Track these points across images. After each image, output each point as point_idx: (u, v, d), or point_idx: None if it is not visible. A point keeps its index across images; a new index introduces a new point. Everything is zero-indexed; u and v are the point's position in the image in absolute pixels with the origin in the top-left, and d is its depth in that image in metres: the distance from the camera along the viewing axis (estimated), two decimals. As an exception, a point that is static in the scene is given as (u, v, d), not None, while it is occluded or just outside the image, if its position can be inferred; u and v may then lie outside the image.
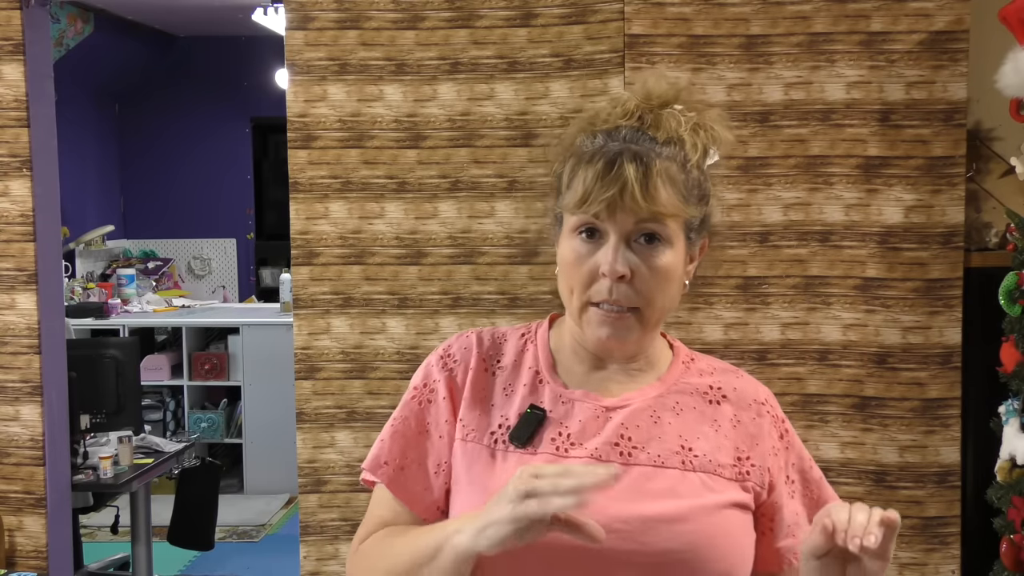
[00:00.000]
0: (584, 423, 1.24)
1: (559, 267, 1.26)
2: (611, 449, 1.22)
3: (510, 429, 1.24)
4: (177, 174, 7.38)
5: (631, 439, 1.23)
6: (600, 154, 1.20)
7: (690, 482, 1.21)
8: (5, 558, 3.01)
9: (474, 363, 1.30)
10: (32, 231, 2.97)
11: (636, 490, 1.19)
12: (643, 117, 1.23)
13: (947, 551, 2.76)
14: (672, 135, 1.22)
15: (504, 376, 1.29)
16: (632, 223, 1.19)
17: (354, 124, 2.83)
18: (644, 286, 1.21)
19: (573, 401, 1.26)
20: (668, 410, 1.26)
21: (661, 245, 1.21)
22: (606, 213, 1.19)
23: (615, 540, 1.14)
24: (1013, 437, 2.54)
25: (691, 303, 2.77)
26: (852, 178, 2.72)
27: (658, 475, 1.20)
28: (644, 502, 1.18)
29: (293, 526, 4.50)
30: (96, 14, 6.27)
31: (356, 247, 2.84)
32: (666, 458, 1.22)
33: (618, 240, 1.20)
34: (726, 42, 2.72)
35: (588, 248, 1.22)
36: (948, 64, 2.69)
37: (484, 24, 2.80)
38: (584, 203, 1.19)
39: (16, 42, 2.93)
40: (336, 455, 2.88)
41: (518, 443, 1.23)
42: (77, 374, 3.45)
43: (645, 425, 1.24)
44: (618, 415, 1.24)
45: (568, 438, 1.23)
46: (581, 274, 1.22)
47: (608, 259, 1.19)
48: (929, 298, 2.73)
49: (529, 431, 1.23)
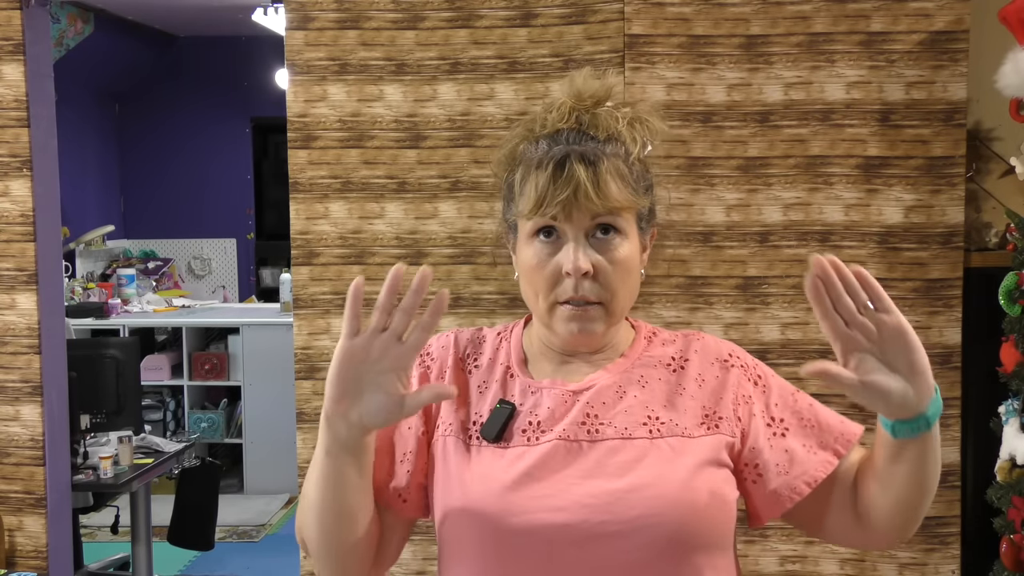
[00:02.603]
0: (552, 409, 1.27)
1: (521, 272, 1.30)
2: (578, 428, 1.25)
3: (480, 426, 1.28)
4: (177, 174, 7.38)
5: (597, 416, 1.26)
6: (547, 158, 1.25)
7: (658, 449, 1.23)
8: (5, 558, 3.01)
9: (451, 362, 1.34)
10: (32, 231, 2.97)
11: (602, 464, 1.22)
12: (580, 118, 1.28)
13: (947, 551, 2.76)
14: (612, 132, 1.27)
15: (479, 375, 1.33)
16: (588, 220, 1.24)
17: (354, 124, 2.83)
18: (607, 279, 1.25)
19: (541, 390, 1.29)
20: (633, 383, 1.29)
21: (618, 237, 1.26)
22: (563, 214, 1.24)
23: (586, 513, 1.18)
24: (1013, 437, 2.54)
25: (691, 303, 2.78)
26: (852, 178, 2.73)
27: (625, 447, 1.23)
28: (611, 476, 1.21)
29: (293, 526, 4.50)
30: (96, 14, 6.27)
31: (356, 247, 2.85)
32: (633, 429, 1.24)
33: (577, 238, 1.24)
34: (726, 42, 2.72)
35: (548, 249, 1.26)
36: (948, 64, 2.69)
37: (484, 24, 2.80)
38: (540, 206, 1.23)
39: (16, 42, 2.93)
40: (336, 455, 2.88)
41: (489, 438, 1.26)
42: (77, 374, 3.45)
43: (611, 401, 1.27)
44: (584, 396, 1.27)
45: (538, 427, 1.26)
46: (544, 276, 1.26)
47: (570, 258, 1.24)
48: (929, 298, 2.73)
49: (499, 425, 1.27)
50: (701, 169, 2.74)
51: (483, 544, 1.22)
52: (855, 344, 1.10)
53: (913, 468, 1.18)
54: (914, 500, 1.22)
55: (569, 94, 1.31)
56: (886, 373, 1.10)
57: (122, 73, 7.08)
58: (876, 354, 1.10)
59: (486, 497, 1.21)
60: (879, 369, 1.11)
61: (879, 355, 1.10)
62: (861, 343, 1.10)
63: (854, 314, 1.09)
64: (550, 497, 1.20)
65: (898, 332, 1.09)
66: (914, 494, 1.21)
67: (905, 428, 1.14)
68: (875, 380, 1.10)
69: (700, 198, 2.74)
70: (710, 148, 2.73)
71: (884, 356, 1.10)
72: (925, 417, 1.13)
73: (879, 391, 1.11)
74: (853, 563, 2.78)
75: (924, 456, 1.17)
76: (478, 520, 1.21)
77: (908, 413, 1.13)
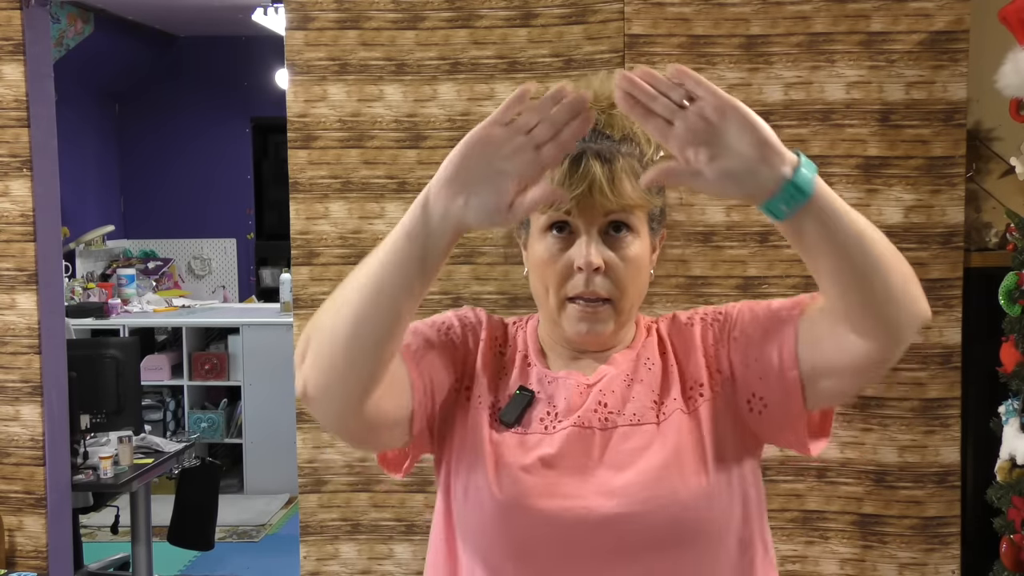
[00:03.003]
0: (569, 399, 1.28)
1: (531, 267, 1.31)
2: (592, 416, 1.26)
3: (500, 410, 1.29)
4: (177, 174, 7.38)
5: (607, 405, 1.27)
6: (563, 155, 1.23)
7: (664, 432, 1.25)
8: (5, 558, 3.01)
9: (484, 336, 1.34)
10: (32, 231, 2.97)
11: (615, 452, 1.24)
12: (596, 118, 1.25)
13: (947, 551, 2.76)
14: (627, 132, 1.27)
15: (501, 360, 1.34)
16: (601, 216, 1.25)
17: (354, 124, 2.83)
18: (618, 276, 1.26)
19: (558, 380, 1.30)
20: (640, 370, 1.30)
21: (630, 235, 1.26)
22: (576, 210, 1.24)
23: (601, 501, 1.21)
24: (1013, 437, 2.54)
25: (691, 303, 2.78)
26: (852, 178, 2.72)
27: (635, 433, 1.25)
28: (624, 464, 1.23)
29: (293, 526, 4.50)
30: (96, 14, 6.27)
31: (356, 247, 2.84)
32: (642, 415, 1.26)
33: (590, 233, 1.25)
34: (726, 42, 2.72)
35: (561, 244, 1.26)
36: (948, 64, 2.69)
37: (484, 24, 2.80)
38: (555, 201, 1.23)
39: (16, 42, 2.93)
40: (336, 455, 2.88)
41: (508, 423, 1.27)
42: (77, 374, 3.45)
43: (620, 390, 1.28)
44: (597, 386, 1.29)
45: (556, 417, 1.28)
46: (556, 271, 1.26)
47: (582, 252, 1.24)
48: (929, 298, 2.67)
49: (518, 411, 1.28)
50: (701, 169, 2.74)
51: (498, 527, 1.23)
52: (688, 139, 1.06)
53: (825, 240, 1.12)
54: (855, 271, 1.14)
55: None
56: (727, 156, 1.05)
57: (122, 73, 7.08)
58: (716, 143, 1.05)
59: (505, 480, 1.23)
60: (720, 155, 1.06)
61: (719, 143, 1.05)
62: (694, 136, 1.05)
63: (674, 111, 1.05)
64: (565, 484, 1.22)
65: (725, 110, 1.04)
66: (846, 266, 1.13)
67: (778, 205, 1.08)
68: (715, 165, 1.06)
69: (700, 198, 2.74)
70: (710, 148, 2.73)
71: (725, 141, 1.05)
72: (793, 184, 1.06)
73: (724, 174, 1.06)
74: (853, 563, 2.78)
75: (826, 224, 1.10)
76: (495, 503, 1.22)
77: (771, 188, 1.07)
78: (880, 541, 2.77)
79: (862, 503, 2.77)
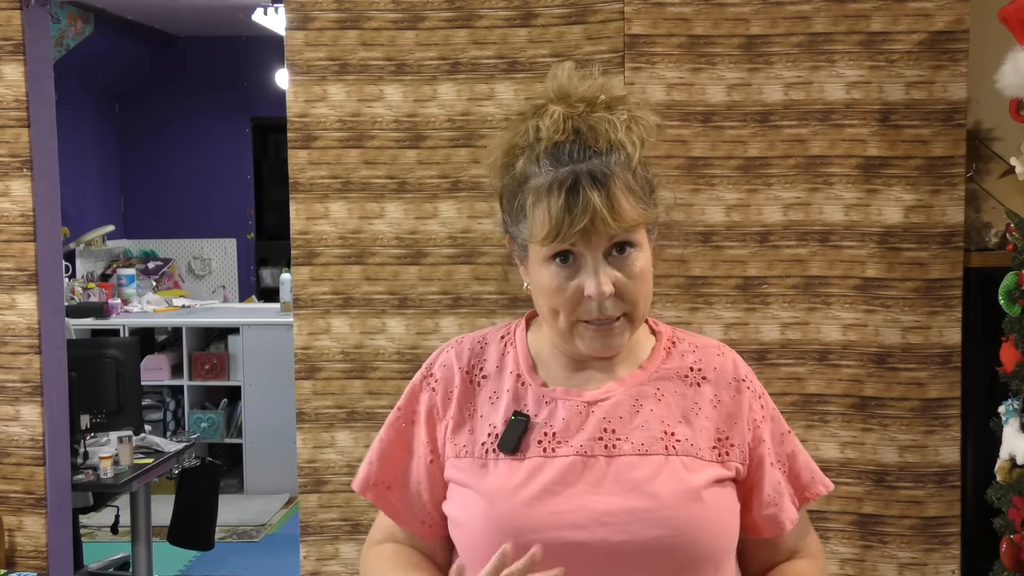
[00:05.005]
0: (567, 420, 1.27)
1: (537, 292, 1.28)
2: (595, 444, 1.25)
3: (498, 438, 1.27)
4: (177, 174, 7.38)
5: (614, 431, 1.26)
6: (556, 183, 1.22)
7: (672, 467, 1.24)
8: (5, 558, 3.01)
9: (457, 380, 1.33)
10: (32, 231, 2.97)
11: (620, 481, 1.23)
12: (577, 127, 1.23)
13: (947, 551, 2.76)
14: (612, 141, 1.23)
15: (489, 385, 1.32)
16: (606, 242, 1.23)
17: (354, 124, 2.83)
18: (629, 294, 1.25)
19: (556, 400, 1.29)
20: (650, 397, 1.29)
21: (635, 251, 1.25)
22: (581, 241, 1.22)
23: (604, 532, 1.19)
24: (1013, 437, 2.54)
25: (691, 303, 2.78)
26: (852, 178, 2.73)
27: (642, 463, 1.24)
28: (629, 493, 1.22)
29: (293, 526, 4.50)
30: (96, 14, 6.27)
31: (356, 247, 2.85)
32: (649, 445, 1.25)
33: (596, 259, 1.23)
34: (726, 42, 2.72)
35: (566, 273, 1.24)
36: (948, 64, 2.69)
37: (484, 24, 2.80)
38: (556, 236, 1.21)
39: (16, 42, 2.93)
40: (336, 455, 2.88)
41: (506, 451, 1.26)
42: (77, 374, 3.45)
43: (627, 415, 1.27)
44: (600, 408, 1.27)
45: (554, 438, 1.26)
46: (565, 298, 1.25)
47: (592, 283, 1.22)
48: (929, 298, 2.73)
49: (516, 438, 1.27)
50: (701, 169, 2.74)
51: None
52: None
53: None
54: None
55: (556, 94, 1.27)
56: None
57: (122, 73, 7.08)
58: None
59: (505, 513, 1.23)
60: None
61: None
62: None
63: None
64: (569, 514, 1.21)
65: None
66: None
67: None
68: None
69: (700, 198, 2.74)
70: (710, 148, 2.73)
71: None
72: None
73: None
74: (853, 563, 2.78)
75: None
76: (497, 536, 1.21)
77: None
78: (880, 541, 2.77)
79: (862, 503, 2.77)
